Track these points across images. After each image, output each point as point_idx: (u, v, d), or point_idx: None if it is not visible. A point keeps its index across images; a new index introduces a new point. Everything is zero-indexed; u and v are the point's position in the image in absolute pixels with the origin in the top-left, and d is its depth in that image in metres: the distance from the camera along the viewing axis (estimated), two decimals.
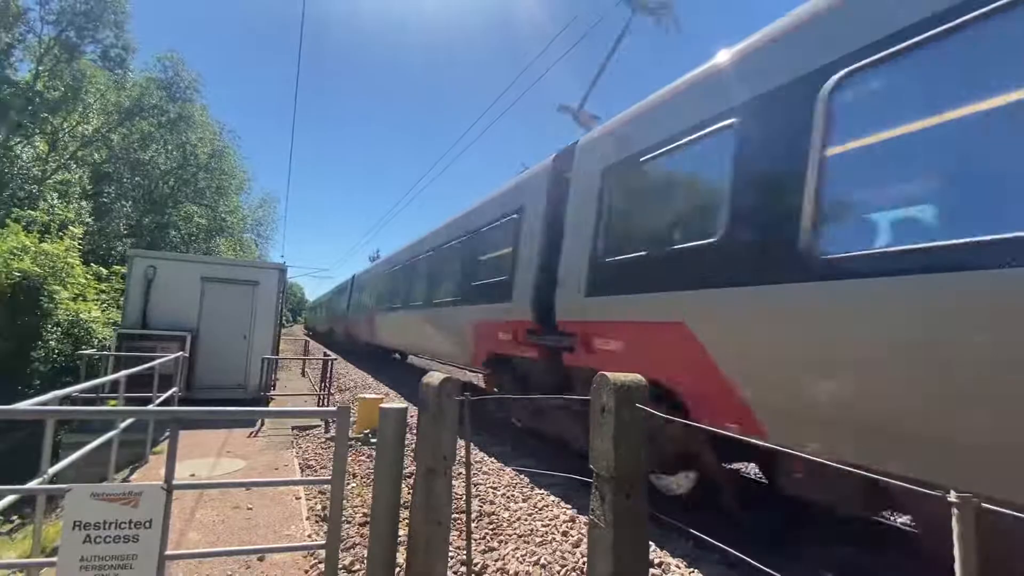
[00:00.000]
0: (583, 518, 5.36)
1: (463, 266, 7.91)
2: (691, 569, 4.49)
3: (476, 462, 7.32)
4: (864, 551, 4.17)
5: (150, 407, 5.65)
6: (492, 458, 7.93)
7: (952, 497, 1.37)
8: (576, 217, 4.80)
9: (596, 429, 2.63)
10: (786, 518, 4.48)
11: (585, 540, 4.86)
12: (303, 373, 17.42)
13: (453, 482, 5.13)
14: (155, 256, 11.06)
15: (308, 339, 23.93)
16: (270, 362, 10.19)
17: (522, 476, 7.01)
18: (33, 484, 3.24)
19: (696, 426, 2.84)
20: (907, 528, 4.46)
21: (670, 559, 4.63)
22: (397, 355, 16.24)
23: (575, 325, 4.80)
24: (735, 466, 6.00)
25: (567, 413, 5.45)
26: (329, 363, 10.90)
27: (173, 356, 7.71)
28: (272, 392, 11.05)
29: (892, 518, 4.91)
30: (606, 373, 2.67)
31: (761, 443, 2.31)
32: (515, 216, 6.10)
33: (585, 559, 4.47)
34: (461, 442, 7.09)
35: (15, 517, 5.80)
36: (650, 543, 4.60)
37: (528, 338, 5.77)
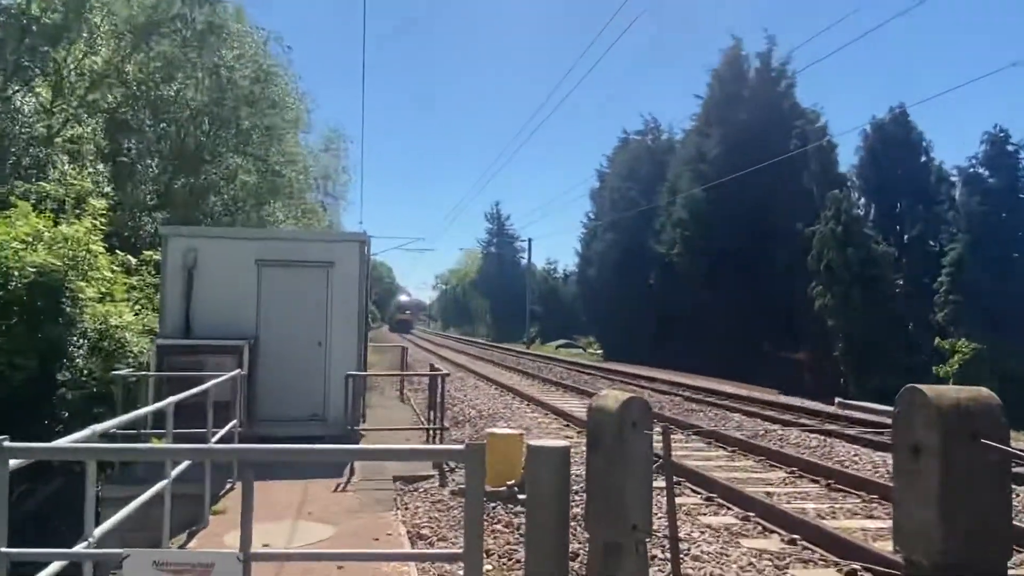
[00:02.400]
0: None
1: None
2: None
3: (684, 535, 7.31)
4: None
5: (215, 445, 6.49)
6: (711, 528, 7.87)
7: None
8: None
9: (904, 484, 2.45)
10: None
11: None
12: (402, 397, 18.79)
13: (650, 566, 5.15)
14: (195, 233, 12.56)
15: (404, 347, 25.64)
16: (356, 381, 11.10)
17: (762, 558, 6.85)
18: (80, 548, 3.94)
19: None
20: None
21: None
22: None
23: None
24: None
25: None
26: (440, 381, 11.58)
27: (229, 375, 8.76)
28: (362, 426, 12.05)
29: None
30: (919, 386, 2.49)
31: None
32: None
33: None
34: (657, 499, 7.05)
35: None
36: None
37: None
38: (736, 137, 39.77)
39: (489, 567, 6.55)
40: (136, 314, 14.09)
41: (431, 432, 11.88)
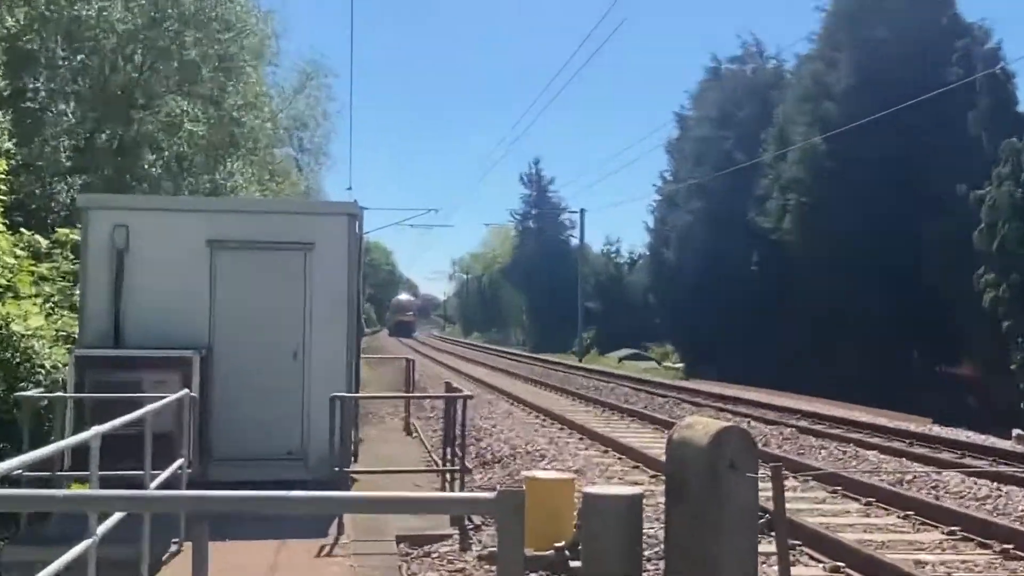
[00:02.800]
0: None
1: None
2: None
3: None
4: None
5: (155, 492, 6.57)
6: None
7: None
8: None
9: None
10: None
11: None
12: (408, 429, 18.88)
13: None
14: (126, 205, 12.68)
15: (409, 359, 25.76)
16: (347, 406, 11.15)
17: None
18: None
19: None
20: None
21: None
22: None
23: None
24: None
25: None
26: (459, 404, 11.59)
27: (173, 398, 8.85)
28: (354, 467, 12.10)
29: None
30: None
31: None
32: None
33: None
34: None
35: None
36: None
37: None
38: (872, 65, 39.33)
39: None
40: (48, 315, 14.28)
41: (448, 476, 11.91)
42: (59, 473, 8.85)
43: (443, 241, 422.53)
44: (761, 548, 5.91)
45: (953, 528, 10.81)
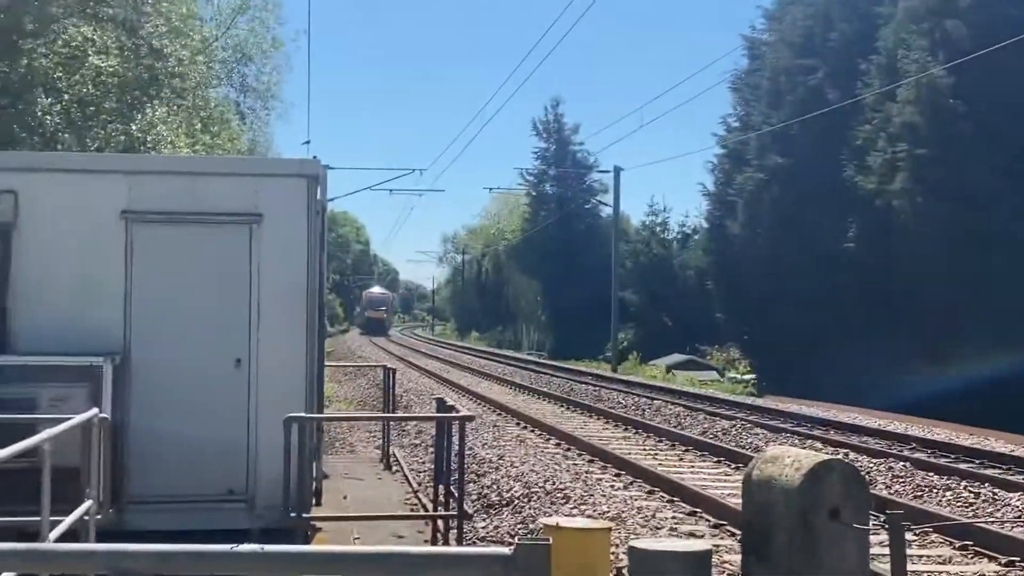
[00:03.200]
0: None
1: None
2: None
3: None
4: None
5: (55, 545, 6.64)
6: None
7: None
8: None
9: None
10: None
11: None
12: (387, 461, 18.87)
13: None
14: (14, 165, 12.65)
15: (389, 367, 25.78)
16: (306, 431, 11.16)
17: None
18: None
19: None
20: None
21: None
22: None
23: None
24: None
25: None
26: (455, 428, 11.57)
27: (77, 420, 8.87)
28: (315, 512, 12.11)
29: None
30: None
31: None
32: None
33: None
34: None
35: None
36: None
37: None
38: None
39: None
40: None
41: (441, 524, 11.92)
42: None
43: (431, 212, 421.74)
44: None
45: None
